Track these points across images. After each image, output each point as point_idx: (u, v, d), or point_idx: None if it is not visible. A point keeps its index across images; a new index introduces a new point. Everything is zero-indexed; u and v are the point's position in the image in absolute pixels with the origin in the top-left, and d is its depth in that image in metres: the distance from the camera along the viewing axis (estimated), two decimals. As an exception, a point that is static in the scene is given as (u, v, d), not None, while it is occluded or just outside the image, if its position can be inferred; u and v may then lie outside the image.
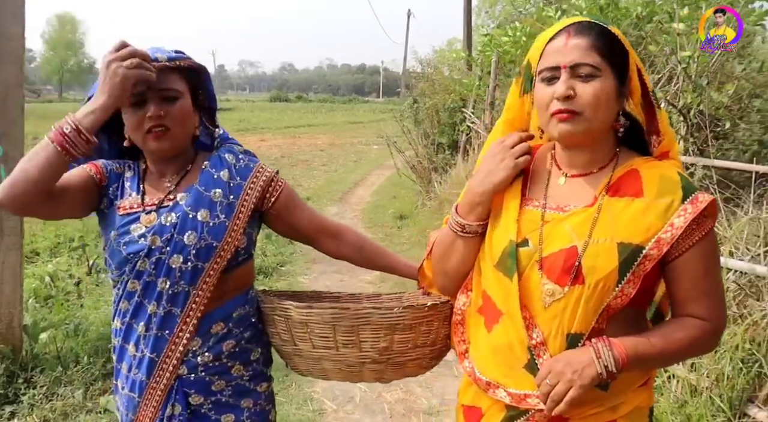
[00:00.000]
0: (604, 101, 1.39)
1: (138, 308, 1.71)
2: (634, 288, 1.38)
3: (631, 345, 1.37)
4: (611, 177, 1.45)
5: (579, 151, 1.48)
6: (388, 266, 2.01)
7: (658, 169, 1.44)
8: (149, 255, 1.67)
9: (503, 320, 1.50)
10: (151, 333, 1.71)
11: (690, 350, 1.51)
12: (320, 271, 6.85)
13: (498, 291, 1.51)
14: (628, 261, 1.37)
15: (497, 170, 1.52)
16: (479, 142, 8.25)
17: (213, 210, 1.71)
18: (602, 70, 1.38)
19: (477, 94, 9.40)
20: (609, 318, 1.42)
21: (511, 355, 1.48)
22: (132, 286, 1.71)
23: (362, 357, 1.74)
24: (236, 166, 1.80)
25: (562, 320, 1.42)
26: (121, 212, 1.73)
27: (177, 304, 1.70)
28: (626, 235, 1.38)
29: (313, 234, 1.93)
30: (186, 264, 1.68)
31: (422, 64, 14.66)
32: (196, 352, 1.73)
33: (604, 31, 1.40)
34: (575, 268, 1.39)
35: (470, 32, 16.45)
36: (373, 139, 21.29)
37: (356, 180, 14.28)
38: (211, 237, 1.70)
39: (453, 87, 11.25)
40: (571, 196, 1.49)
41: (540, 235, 1.46)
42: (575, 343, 1.41)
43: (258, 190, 1.80)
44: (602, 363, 1.34)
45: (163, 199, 1.73)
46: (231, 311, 1.78)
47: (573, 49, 1.39)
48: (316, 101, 68.37)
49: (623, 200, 1.41)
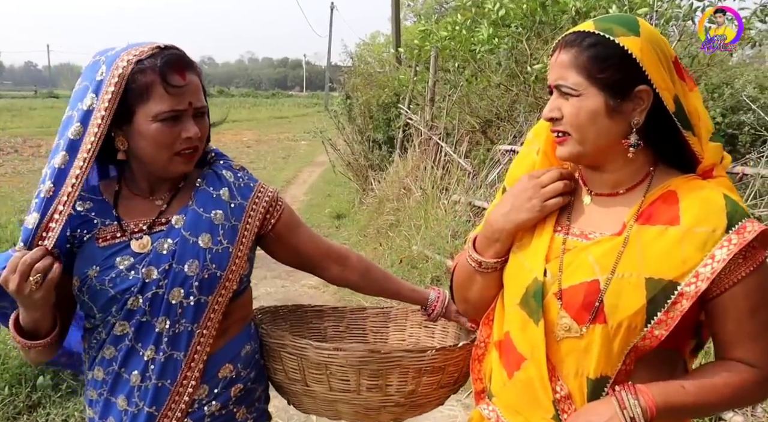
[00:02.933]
0: (586, 120, 1.26)
1: (129, 354, 1.46)
2: (666, 329, 1.21)
3: (660, 392, 1.22)
4: (642, 201, 1.30)
5: (597, 171, 1.35)
6: (393, 291, 1.83)
7: (700, 192, 1.26)
8: (143, 290, 1.43)
9: (526, 367, 1.34)
10: (148, 383, 1.46)
11: (732, 400, 1.31)
12: (260, 277, 6.54)
13: (520, 335, 1.35)
14: (658, 299, 1.20)
15: (522, 209, 1.37)
16: (420, 139, 8.10)
17: (215, 234, 1.49)
18: (581, 89, 1.25)
19: (415, 90, 9.25)
20: (637, 359, 1.27)
21: (537, 405, 1.33)
22: (121, 329, 1.45)
23: (385, 400, 1.60)
24: (236, 184, 1.58)
25: (583, 361, 1.27)
26: (102, 243, 1.46)
27: (179, 347, 1.47)
28: (657, 270, 1.22)
29: (318, 259, 1.73)
30: (188, 299, 1.45)
31: (353, 59, 14.43)
32: (202, 402, 1.51)
33: (597, 41, 1.24)
34: (596, 307, 1.24)
35: (399, 27, 16.31)
36: (300, 135, 20.94)
37: (288, 178, 13.88)
38: (215, 266, 1.47)
39: (386, 82, 11.11)
40: (597, 220, 1.34)
41: (560, 264, 1.31)
42: (600, 388, 1.27)
43: (261, 212, 1.59)
44: (627, 415, 1.19)
45: (154, 222, 1.49)
46: (238, 349, 1.58)
47: (557, 67, 1.29)
48: (238, 96, 66.89)
49: (655, 228, 1.25)
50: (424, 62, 9.02)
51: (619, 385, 1.24)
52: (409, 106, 9.62)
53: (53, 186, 1.37)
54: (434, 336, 1.98)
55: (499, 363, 1.42)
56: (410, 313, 2.02)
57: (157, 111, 1.39)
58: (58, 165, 1.38)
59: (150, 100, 1.39)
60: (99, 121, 1.38)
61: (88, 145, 1.37)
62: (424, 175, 7.37)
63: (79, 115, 1.40)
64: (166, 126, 1.41)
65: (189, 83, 1.43)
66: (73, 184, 1.37)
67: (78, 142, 1.39)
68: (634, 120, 1.27)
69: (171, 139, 1.42)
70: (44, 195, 1.37)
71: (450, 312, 1.81)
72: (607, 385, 1.27)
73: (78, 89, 1.43)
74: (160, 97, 1.39)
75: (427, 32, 8.05)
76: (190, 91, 1.43)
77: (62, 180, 1.37)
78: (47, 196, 1.37)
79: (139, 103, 1.39)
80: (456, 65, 7.73)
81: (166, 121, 1.40)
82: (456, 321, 1.83)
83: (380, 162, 10.59)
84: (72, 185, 1.37)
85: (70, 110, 1.42)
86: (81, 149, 1.38)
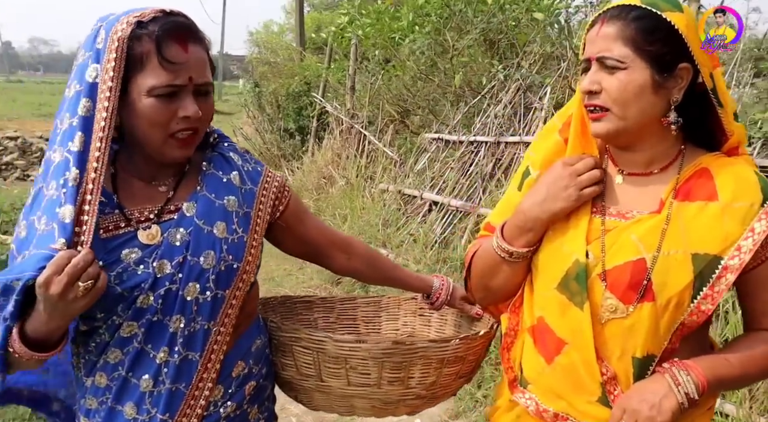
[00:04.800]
0: (633, 95, 1.23)
1: (139, 357, 1.30)
2: (712, 304, 1.22)
3: (708, 366, 1.23)
4: (678, 178, 1.29)
5: (629, 150, 1.33)
6: (400, 279, 1.75)
7: (731, 168, 1.28)
8: (155, 287, 1.27)
9: (567, 351, 1.30)
10: (161, 387, 1.31)
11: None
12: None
13: (559, 320, 1.31)
14: (704, 274, 1.21)
15: (558, 198, 1.32)
16: (341, 128, 8.00)
17: (229, 222, 1.34)
18: (629, 61, 1.22)
19: (335, 79, 9.13)
20: (682, 337, 1.27)
21: (581, 389, 1.30)
22: (129, 330, 1.28)
23: (406, 393, 1.52)
24: (245, 168, 1.44)
25: (628, 341, 1.26)
26: (103, 235, 1.26)
27: (195, 347, 1.32)
28: (701, 245, 1.22)
29: (325, 247, 1.62)
30: (204, 295, 1.31)
31: (260, 47, 14.08)
32: (218, 403, 1.38)
33: (644, 14, 1.22)
34: (644, 285, 1.23)
35: (302, 16, 16.04)
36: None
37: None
38: (231, 257, 1.33)
39: (295, 70, 10.94)
40: (633, 199, 1.32)
41: (602, 245, 1.29)
42: (646, 367, 1.26)
43: (271, 198, 1.46)
44: (682, 391, 1.19)
45: (162, 210, 1.33)
46: (249, 345, 1.45)
47: (600, 39, 1.25)
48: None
49: (695, 205, 1.25)
50: (343, 50, 8.92)
51: (667, 363, 1.24)
52: (324, 95, 9.50)
53: (78, 171, 1.19)
54: (431, 324, 1.91)
55: (534, 349, 1.37)
56: (403, 302, 1.94)
57: (151, 84, 1.22)
58: (77, 148, 1.19)
59: (144, 72, 1.22)
60: (108, 94, 1.20)
61: (101, 122, 1.20)
62: (347, 164, 7.29)
63: (86, 88, 1.22)
64: (161, 102, 1.23)
65: (191, 56, 1.26)
66: (96, 169, 1.19)
67: (90, 120, 1.21)
68: (674, 97, 1.26)
69: (166, 117, 1.24)
70: (72, 183, 1.18)
71: (454, 299, 1.75)
72: (652, 364, 1.26)
73: (80, 62, 1.25)
74: (155, 69, 1.22)
75: (349, 19, 7.93)
76: (192, 64, 1.25)
77: (83, 164, 1.19)
78: (74, 184, 1.18)
79: (134, 73, 1.22)
80: (376, 53, 7.69)
81: (162, 97, 1.23)
82: (460, 308, 1.77)
83: (293, 151, 10.44)
84: (95, 170, 1.19)
85: (79, 84, 1.23)
86: (94, 128, 1.20)
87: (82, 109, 1.20)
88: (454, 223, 5.22)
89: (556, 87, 4.86)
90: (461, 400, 3.59)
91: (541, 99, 4.98)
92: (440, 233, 5.22)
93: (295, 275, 5.78)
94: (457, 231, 5.08)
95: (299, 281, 5.62)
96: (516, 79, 5.36)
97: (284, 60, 12.38)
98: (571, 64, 4.75)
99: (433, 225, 5.36)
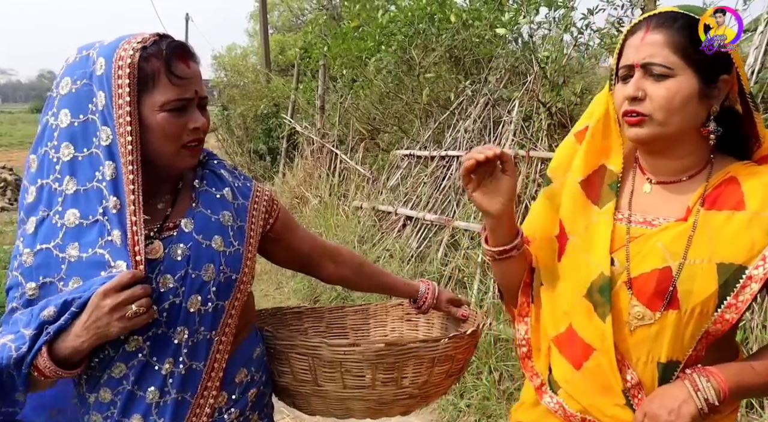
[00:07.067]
0: (679, 104, 1.24)
1: (144, 370, 1.33)
2: (737, 313, 1.23)
3: (732, 373, 1.24)
4: (706, 186, 1.30)
5: (662, 157, 1.34)
6: (387, 285, 1.81)
7: (761, 177, 1.27)
8: (159, 301, 1.31)
9: (596, 357, 1.34)
10: (167, 398, 1.35)
11: None
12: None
13: (587, 325, 1.35)
14: (729, 283, 1.22)
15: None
16: (312, 148, 8.05)
17: (226, 236, 1.41)
18: (678, 69, 1.23)
19: (304, 99, 9.18)
20: (708, 345, 1.29)
21: (609, 393, 1.34)
22: (134, 344, 1.32)
23: (399, 393, 1.58)
24: (236, 184, 1.51)
25: (654, 347, 1.29)
26: None
27: (199, 357, 1.38)
28: (727, 255, 1.22)
29: (315, 257, 1.69)
30: (206, 306, 1.36)
31: (226, 70, 14.10)
32: (222, 410, 1.44)
33: (690, 22, 1.24)
34: (669, 292, 1.25)
35: (267, 38, 16.10)
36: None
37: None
38: (229, 269, 1.40)
39: (263, 92, 10.98)
40: (659, 207, 1.34)
41: (627, 252, 1.32)
42: (670, 373, 1.29)
43: (262, 212, 1.53)
44: (701, 397, 1.21)
45: (162, 226, 1.38)
46: (250, 353, 1.52)
47: (647, 46, 1.25)
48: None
49: (722, 214, 1.25)
50: (312, 71, 8.99)
51: (689, 369, 1.26)
52: (293, 115, 9.56)
53: (116, 199, 1.28)
54: (418, 328, 1.97)
55: (561, 357, 1.41)
56: (390, 308, 2.00)
57: (164, 99, 1.30)
58: (109, 176, 1.28)
59: (156, 89, 1.29)
60: (128, 118, 1.27)
61: (128, 146, 1.27)
62: (320, 183, 7.33)
63: (99, 117, 1.29)
64: (174, 116, 1.32)
65: (193, 71, 1.35)
66: (133, 191, 1.28)
67: (113, 147, 1.28)
68: (714, 107, 1.28)
69: (178, 129, 1.33)
70: (114, 211, 1.27)
71: (440, 302, 1.81)
72: (677, 370, 1.28)
73: (71, 90, 1.31)
74: (166, 85, 1.30)
75: (320, 42, 8.01)
76: (195, 79, 1.36)
77: (120, 192, 1.28)
78: (115, 212, 1.27)
79: (144, 92, 1.29)
80: (343, 72, 7.77)
81: (174, 111, 1.31)
82: (446, 311, 1.83)
83: (264, 172, 10.44)
84: (133, 192, 1.28)
85: (83, 115, 1.30)
86: (120, 153, 1.28)
87: (104, 139, 1.29)
88: (429, 237, 5.29)
89: (524, 100, 4.97)
90: (444, 411, 3.64)
91: (510, 112, 5.09)
92: (416, 247, 5.28)
93: (272, 295, 5.79)
94: (433, 244, 5.15)
95: (277, 301, 5.62)
96: (484, 94, 5.48)
97: (251, 82, 12.40)
98: (537, 77, 4.87)
99: (408, 240, 5.42)
